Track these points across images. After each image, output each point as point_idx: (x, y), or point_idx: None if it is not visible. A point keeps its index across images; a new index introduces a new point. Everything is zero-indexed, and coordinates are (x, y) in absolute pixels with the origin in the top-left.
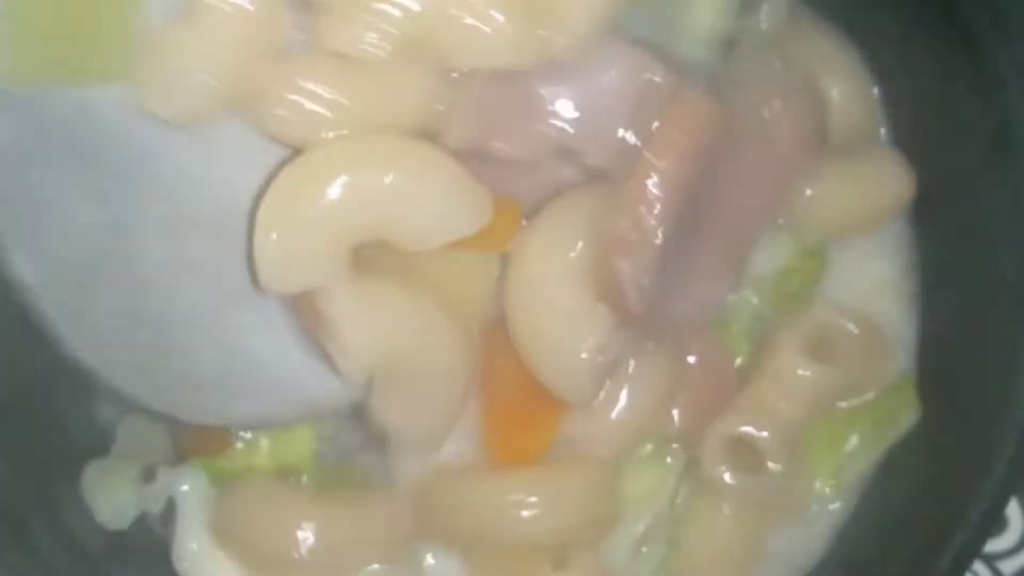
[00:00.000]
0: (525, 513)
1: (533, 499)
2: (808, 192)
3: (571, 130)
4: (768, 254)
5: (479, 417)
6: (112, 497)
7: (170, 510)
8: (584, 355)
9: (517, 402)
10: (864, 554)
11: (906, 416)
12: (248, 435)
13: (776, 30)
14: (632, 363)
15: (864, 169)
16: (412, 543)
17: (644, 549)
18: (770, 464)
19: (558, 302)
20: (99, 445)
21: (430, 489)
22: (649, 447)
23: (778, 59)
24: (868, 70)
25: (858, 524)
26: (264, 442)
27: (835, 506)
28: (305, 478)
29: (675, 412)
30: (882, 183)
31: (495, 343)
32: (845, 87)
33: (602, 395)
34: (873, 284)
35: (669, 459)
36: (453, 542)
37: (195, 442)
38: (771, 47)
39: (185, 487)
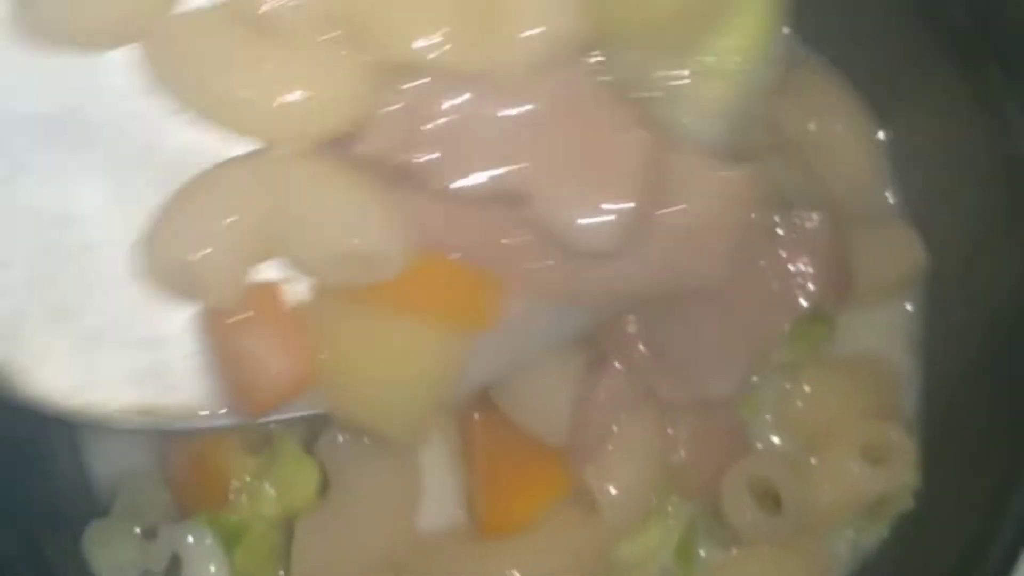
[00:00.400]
0: None
1: (516, 573)
2: None
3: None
4: None
5: (469, 483)
6: (114, 557)
7: (173, 568)
8: (557, 406)
9: (510, 464)
10: None
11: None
12: (250, 480)
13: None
14: (633, 421)
15: (874, 243)
16: None
17: None
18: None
19: None
20: (99, 505)
21: (416, 560)
22: (652, 500)
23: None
24: (872, 116)
25: None
26: (268, 489)
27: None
28: None
29: (680, 465)
30: (893, 258)
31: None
32: (848, 132)
33: (604, 460)
34: (879, 339)
35: (669, 517)
36: None
37: (195, 497)
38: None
39: (189, 541)
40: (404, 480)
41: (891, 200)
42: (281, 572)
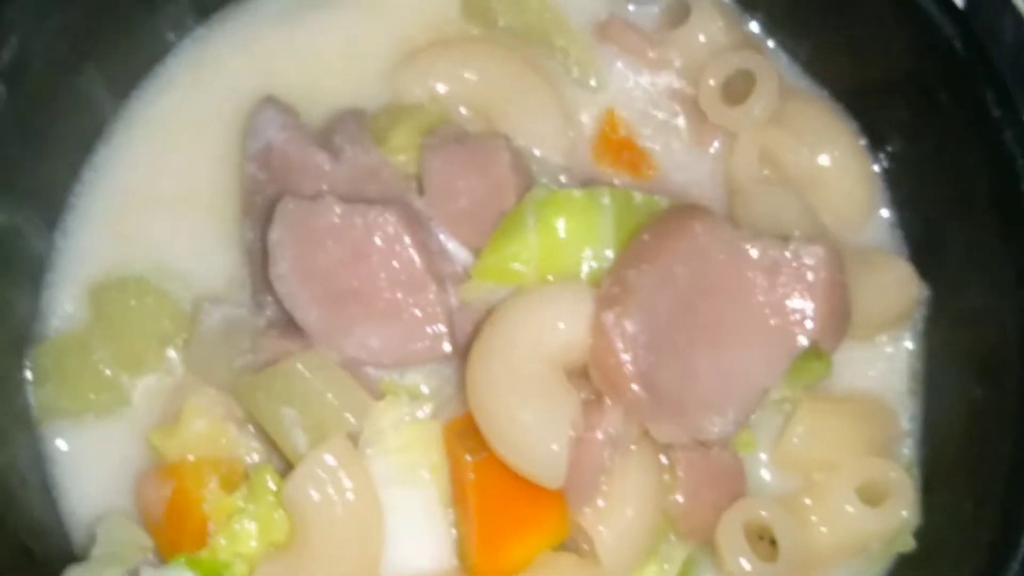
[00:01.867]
0: None
1: None
2: None
3: None
4: None
5: (460, 528)
6: None
7: None
8: (555, 447)
9: (504, 507)
10: None
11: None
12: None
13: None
14: (629, 463)
15: (871, 278)
16: None
17: None
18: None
19: (520, 396)
20: (76, 549)
21: None
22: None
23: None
24: (869, 147)
25: None
26: (247, 528)
27: None
28: None
29: (676, 506)
30: (890, 293)
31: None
32: (843, 165)
33: (600, 500)
34: (877, 374)
35: (665, 557)
36: None
37: (173, 539)
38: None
39: None
40: (369, 528)
41: (888, 233)
42: None
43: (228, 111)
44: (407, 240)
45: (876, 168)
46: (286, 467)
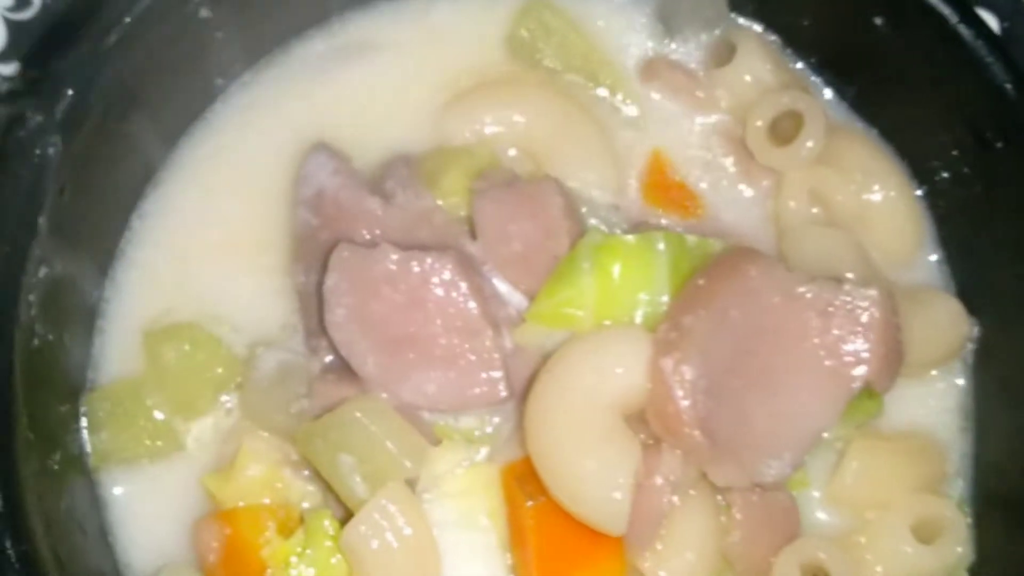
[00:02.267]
0: None
1: None
2: None
3: None
4: None
5: (519, 573)
6: None
7: None
8: (617, 495)
9: (563, 552)
10: None
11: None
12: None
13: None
14: (688, 506)
15: (921, 316)
16: None
17: None
18: None
19: (582, 444)
20: None
21: None
22: None
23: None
24: (915, 183)
25: None
26: (307, 571)
27: None
28: None
29: (733, 547)
30: (940, 332)
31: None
32: (891, 202)
33: (659, 545)
34: (928, 411)
35: None
36: None
37: None
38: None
39: None
40: (427, 573)
41: (936, 271)
42: None
43: (276, 156)
44: (463, 286)
45: (925, 206)
46: (343, 511)
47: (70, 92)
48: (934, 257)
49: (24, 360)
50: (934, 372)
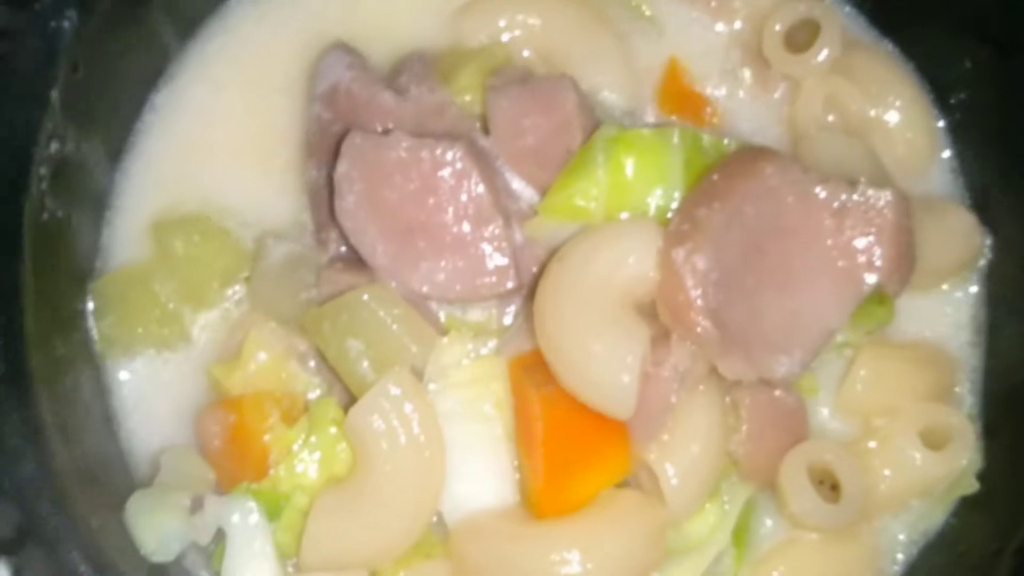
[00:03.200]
0: (570, 571)
1: (577, 555)
2: None
3: None
4: None
5: (524, 463)
6: (157, 527)
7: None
8: (625, 377)
9: (570, 443)
10: None
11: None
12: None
13: (833, 62)
14: (695, 400)
15: (935, 228)
16: None
17: None
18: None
19: (591, 329)
20: (139, 480)
21: (470, 545)
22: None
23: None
24: (935, 101)
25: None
26: (308, 459)
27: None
28: None
29: (739, 448)
30: (954, 243)
31: (540, 380)
32: (909, 120)
33: (665, 436)
34: (940, 322)
35: (726, 497)
36: None
37: (234, 471)
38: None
39: (235, 518)
40: (431, 461)
41: (950, 183)
42: None
43: (291, 53)
44: (474, 174)
45: (939, 117)
46: (348, 401)
47: None
48: (948, 169)
49: (33, 231)
50: (945, 286)
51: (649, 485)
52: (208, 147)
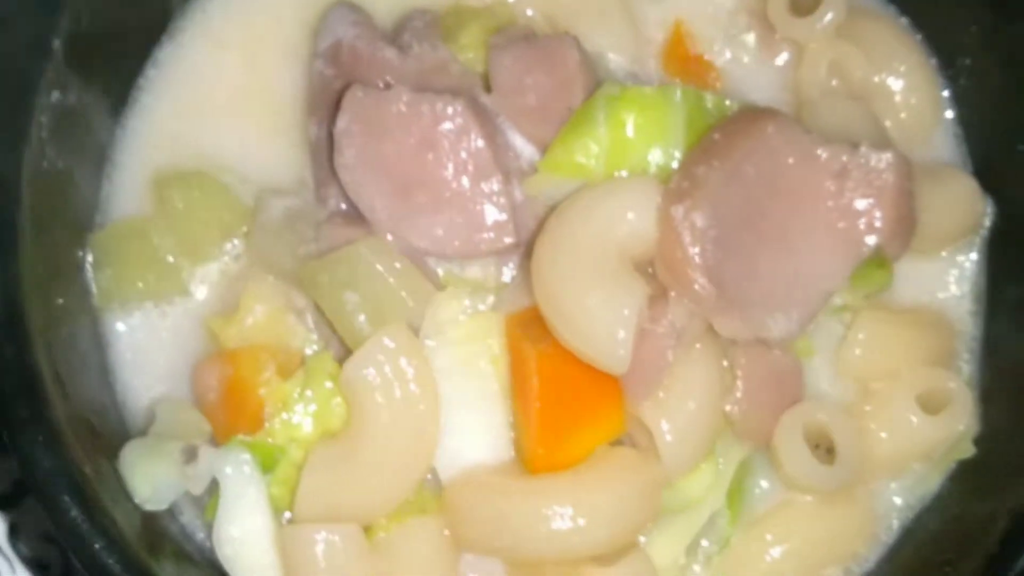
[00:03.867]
0: (563, 525)
1: (570, 511)
2: None
3: None
4: None
5: (519, 419)
6: (152, 476)
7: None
8: (621, 332)
9: (566, 399)
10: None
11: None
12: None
13: (837, 27)
14: (691, 358)
15: (937, 193)
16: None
17: (704, 543)
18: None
19: (588, 284)
20: (134, 429)
21: (463, 500)
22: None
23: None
24: (939, 69)
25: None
26: (303, 412)
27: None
28: None
29: (735, 407)
30: (955, 209)
31: (536, 336)
32: (912, 86)
33: (661, 394)
34: (939, 287)
35: (721, 458)
36: (492, 553)
37: (229, 424)
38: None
39: (229, 469)
40: (426, 415)
41: (954, 151)
42: None
43: (294, 11)
44: (474, 129)
45: (943, 83)
46: (344, 357)
47: None
48: (951, 134)
49: (32, 180)
50: (946, 252)
51: (644, 443)
52: (210, 104)
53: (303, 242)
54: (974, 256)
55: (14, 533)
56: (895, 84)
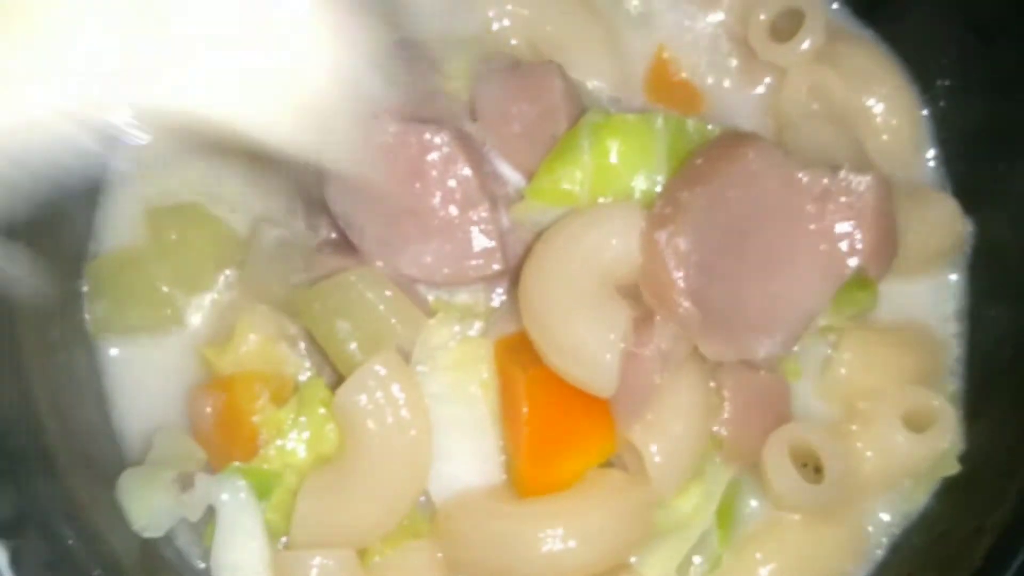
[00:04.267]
0: (555, 547)
1: (561, 532)
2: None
3: None
4: None
5: (509, 443)
6: (148, 504)
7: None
8: (608, 356)
9: (555, 422)
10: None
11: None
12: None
13: (817, 51)
14: (679, 381)
15: (917, 214)
16: None
17: (696, 560)
18: (828, 470)
19: (574, 309)
20: (131, 457)
21: (456, 524)
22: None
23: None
24: (918, 90)
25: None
26: (298, 439)
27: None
28: None
29: (723, 428)
30: (936, 229)
31: (525, 361)
32: (891, 108)
33: (650, 416)
34: (922, 307)
35: (710, 478)
36: (485, 575)
37: (223, 452)
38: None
39: (225, 496)
40: (418, 441)
41: (934, 172)
42: None
43: None
44: (461, 158)
45: (923, 105)
46: (337, 383)
47: None
48: (931, 156)
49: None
50: (928, 273)
51: (633, 465)
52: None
53: (295, 271)
54: (956, 276)
55: (16, 561)
56: (875, 107)
